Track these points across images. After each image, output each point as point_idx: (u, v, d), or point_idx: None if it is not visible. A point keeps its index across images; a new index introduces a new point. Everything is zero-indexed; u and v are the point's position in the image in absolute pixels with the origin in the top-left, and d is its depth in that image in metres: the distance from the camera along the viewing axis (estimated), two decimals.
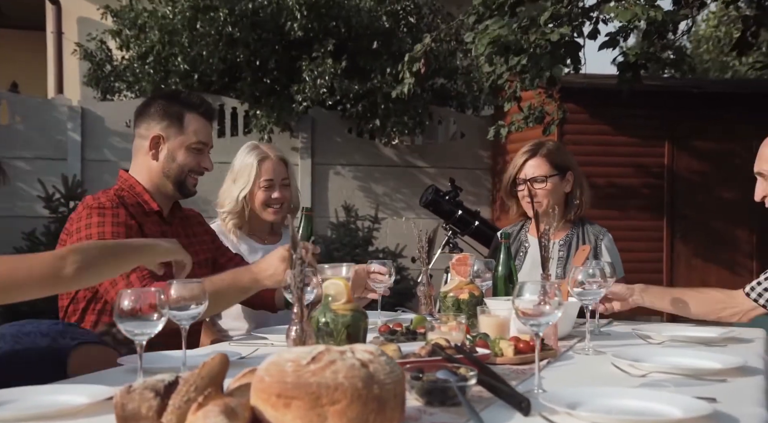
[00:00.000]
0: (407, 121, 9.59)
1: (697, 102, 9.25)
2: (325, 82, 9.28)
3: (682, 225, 9.35)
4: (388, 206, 10.02)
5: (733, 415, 1.46)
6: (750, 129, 9.44)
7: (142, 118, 2.78)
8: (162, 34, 9.40)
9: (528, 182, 3.25)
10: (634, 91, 7.79)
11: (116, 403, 1.41)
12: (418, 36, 9.74)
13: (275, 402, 1.32)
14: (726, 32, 19.59)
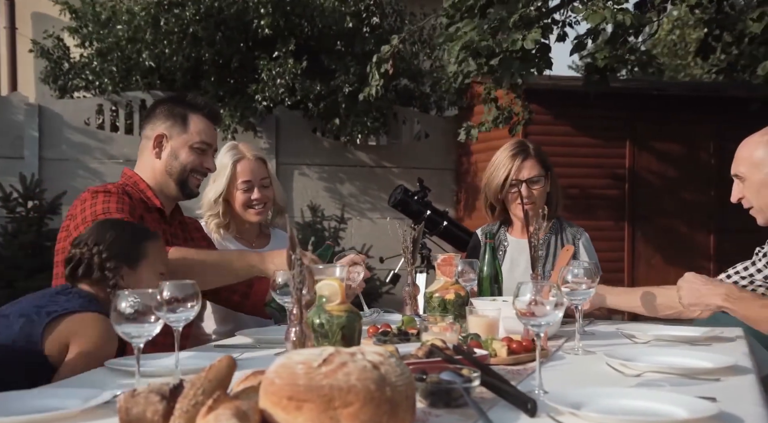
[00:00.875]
0: (370, 121, 9.59)
1: (657, 104, 9.40)
2: (285, 81, 9.24)
3: (643, 225, 9.48)
4: (353, 206, 10.01)
5: (737, 414, 1.47)
6: (708, 131, 9.64)
7: (147, 120, 2.83)
8: (125, 30, 9.26)
9: (525, 183, 3.24)
10: (597, 93, 7.90)
11: (120, 408, 1.38)
12: (383, 36, 9.75)
13: (286, 405, 1.30)
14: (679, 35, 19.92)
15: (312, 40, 9.84)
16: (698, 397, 1.53)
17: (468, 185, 10.16)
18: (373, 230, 9.83)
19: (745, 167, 2.55)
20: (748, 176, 2.54)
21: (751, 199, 2.56)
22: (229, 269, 2.57)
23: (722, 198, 9.78)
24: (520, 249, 3.32)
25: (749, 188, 2.54)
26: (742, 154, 2.59)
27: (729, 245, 9.55)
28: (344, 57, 9.74)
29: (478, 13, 6.57)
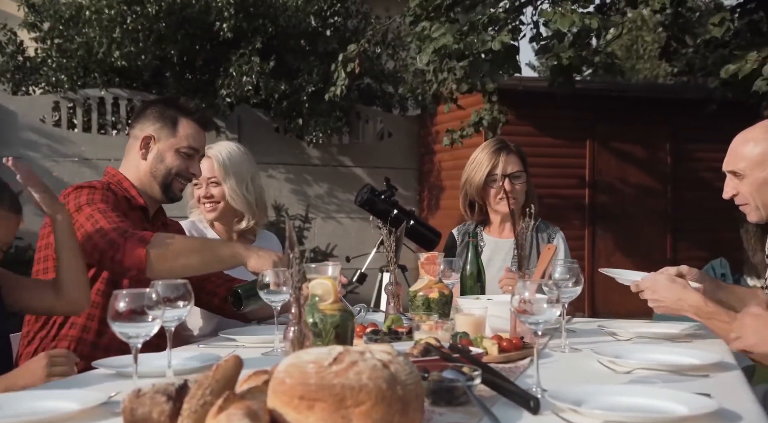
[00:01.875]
0: (333, 120, 9.58)
1: (617, 105, 9.54)
2: (251, 80, 9.19)
3: (603, 224, 9.62)
4: (317, 206, 9.99)
5: (734, 410, 1.50)
6: (665, 132, 9.83)
7: (137, 119, 2.79)
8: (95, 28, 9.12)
9: (508, 178, 3.27)
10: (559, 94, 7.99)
11: (125, 408, 1.36)
12: (346, 36, 9.75)
13: (297, 404, 1.29)
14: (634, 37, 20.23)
15: (276, 39, 9.79)
16: (697, 394, 1.56)
17: (431, 185, 10.21)
18: (337, 230, 9.82)
19: (745, 164, 2.49)
20: (748, 174, 2.48)
21: (747, 196, 2.54)
22: (214, 254, 2.56)
23: (678, 198, 10.01)
24: (496, 248, 3.35)
25: (749, 186, 2.51)
26: (741, 150, 2.53)
27: (685, 244, 9.74)
28: (308, 56, 9.72)
29: (445, 13, 6.59)
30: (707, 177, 9.89)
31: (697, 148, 9.87)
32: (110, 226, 2.45)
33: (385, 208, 5.92)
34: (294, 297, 1.67)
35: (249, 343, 2.41)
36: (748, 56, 5.71)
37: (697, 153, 9.90)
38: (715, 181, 9.93)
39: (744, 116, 8.59)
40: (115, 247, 2.41)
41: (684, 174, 9.95)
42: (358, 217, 9.91)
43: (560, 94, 7.64)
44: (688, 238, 9.79)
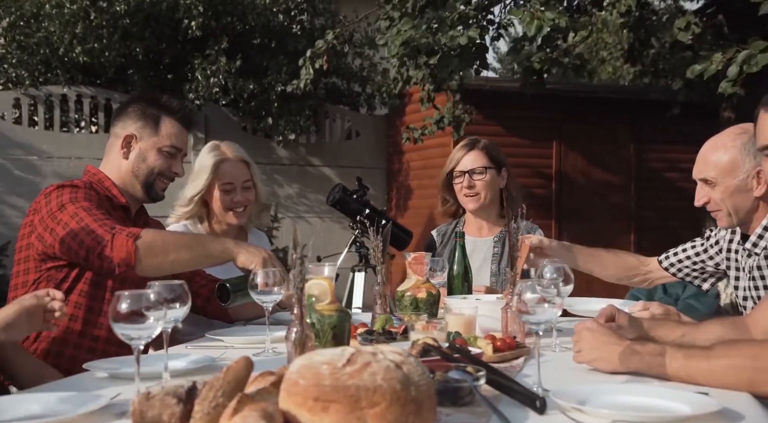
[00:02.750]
0: (302, 119, 9.54)
1: (583, 106, 9.64)
2: (219, 80, 9.13)
3: (569, 223, 9.72)
4: (286, 206, 9.94)
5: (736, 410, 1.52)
6: (629, 132, 9.97)
7: (119, 117, 2.75)
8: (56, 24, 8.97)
9: (467, 174, 3.31)
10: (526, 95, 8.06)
11: (134, 411, 1.35)
12: (314, 35, 9.72)
13: (312, 406, 1.29)
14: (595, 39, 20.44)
15: (243, 37, 9.73)
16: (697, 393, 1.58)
17: (400, 185, 10.22)
18: (306, 230, 9.79)
19: (716, 172, 2.53)
20: (719, 181, 2.53)
21: (719, 203, 2.58)
22: (204, 249, 2.54)
23: (642, 196, 10.16)
24: (476, 248, 3.37)
25: (720, 193, 2.55)
26: (711, 158, 2.56)
27: (648, 242, 9.88)
28: (276, 55, 9.67)
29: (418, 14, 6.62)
30: (670, 176, 10.06)
31: (660, 149, 10.04)
32: (96, 223, 2.42)
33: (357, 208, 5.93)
34: (296, 298, 1.66)
35: (238, 343, 2.39)
36: (713, 57, 5.80)
37: (660, 153, 10.07)
38: (677, 180, 10.12)
39: (705, 117, 8.79)
40: (103, 243, 2.37)
41: (647, 173, 10.11)
42: (328, 217, 9.89)
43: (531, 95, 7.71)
44: (650, 235, 9.93)
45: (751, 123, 2.58)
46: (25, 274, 2.54)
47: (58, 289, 2.50)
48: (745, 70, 5.51)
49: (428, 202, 9.50)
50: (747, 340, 1.93)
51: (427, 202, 9.48)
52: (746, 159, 2.48)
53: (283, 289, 2.22)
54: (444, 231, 3.52)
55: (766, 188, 2.49)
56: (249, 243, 3.22)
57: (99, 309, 2.55)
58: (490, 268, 3.32)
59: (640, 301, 2.62)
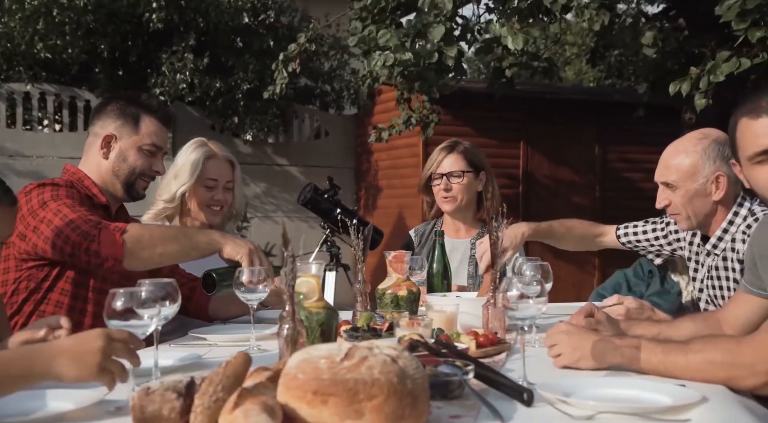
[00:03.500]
0: (270, 119, 9.54)
1: (549, 107, 9.77)
2: (185, 77, 9.09)
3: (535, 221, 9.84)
4: (254, 206, 9.92)
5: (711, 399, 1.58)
6: (593, 134, 10.13)
7: (97, 116, 2.73)
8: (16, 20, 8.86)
9: (445, 176, 3.35)
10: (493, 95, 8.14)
11: (134, 406, 1.37)
12: (281, 34, 9.72)
13: (311, 399, 1.32)
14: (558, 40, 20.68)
15: (209, 35, 9.70)
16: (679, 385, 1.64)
17: (368, 185, 10.26)
18: (275, 229, 9.78)
19: (677, 176, 2.62)
20: (680, 185, 2.62)
21: (680, 207, 2.65)
22: (191, 241, 2.52)
23: (606, 196, 10.32)
24: (453, 249, 3.42)
25: (681, 197, 2.63)
26: (672, 162, 2.65)
27: None
28: (243, 54, 9.65)
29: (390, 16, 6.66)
30: (633, 177, 10.23)
31: (624, 149, 10.21)
32: (81, 219, 2.42)
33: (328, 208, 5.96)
34: (288, 295, 1.69)
35: (222, 341, 2.40)
36: (690, 72, 5.93)
37: (624, 153, 10.24)
38: (640, 180, 10.29)
39: (667, 119, 8.96)
40: (89, 238, 2.37)
41: (611, 173, 10.27)
42: (296, 217, 9.89)
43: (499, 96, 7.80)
44: None
45: (711, 128, 2.67)
46: (5, 273, 2.53)
47: (38, 288, 2.50)
48: (712, 80, 5.65)
49: (397, 201, 9.55)
50: (723, 336, 2.00)
51: (396, 201, 9.53)
52: (706, 164, 2.56)
53: (267, 287, 2.24)
54: (422, 231, 3.56)
55: (724, 193, 2.58)
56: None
57: (81, 308, 2.55)
58: (467, 269, 3.37)
59: (614, 295, 2.68)
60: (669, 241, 2.97)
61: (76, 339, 1.57)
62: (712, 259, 2.71)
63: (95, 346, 1.52)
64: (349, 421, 1.31)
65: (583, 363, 1.88)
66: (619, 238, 3.11)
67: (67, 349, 1.54)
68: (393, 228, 8.84)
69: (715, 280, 2.74)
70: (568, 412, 1.48)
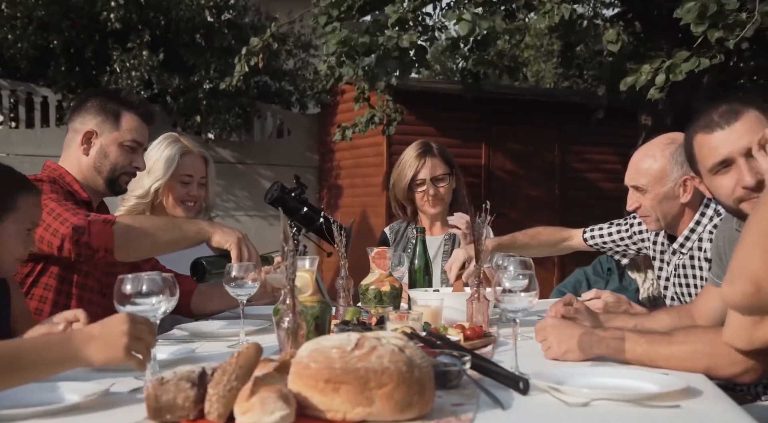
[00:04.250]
0: (232, 117, 9.51)
1: (510, 108, 9.91)
2: (141, 74, 9.02)
3: (497, 220, 9.95)
4: (216, 204, 9.87)
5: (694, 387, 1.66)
6: (553, 134, 10.30)
7: (77, 112, 2.72)
8: None
9: (431, 181, 3.39)
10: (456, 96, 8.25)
11: (149, 395, 1.40)
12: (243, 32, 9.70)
13: (323, 387, 1.37)
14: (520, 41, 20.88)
15: (169, 32, 9.63)
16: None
17: (331, 184, 10.29)
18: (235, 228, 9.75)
19: (647, 180, 2.71)
20: (650, 189, 2.70)
21: (649, 209, 2.75)
22: (180, 231, 2.54)
23: (565, 196, 10.49)
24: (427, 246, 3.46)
25: (650, 200, 2.72)
26: (641, 166, 2.74)
27: None
28: (204, 52, 9.61)
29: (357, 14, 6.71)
30: (592, 177, 10.42)
31: (583, 150, 10.39)
32: (69, 212, 2.42)
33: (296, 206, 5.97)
34: (288, 288, 1.73)
35: (210, 336, 2.43)
36: (642, 68, 6.08)
37: (583, 154, 10.42)
38: (598, 180, 10.50)
39: (625, 120, 9.15)
40: (80, 230, 2.37)
41: (571, 173, 10.45)
42: (258, 216, 9.89)
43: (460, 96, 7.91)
44: None
45: (677, 133, 2.77)
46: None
47: (23, 283, 2.50)
48: (671, 78, 5.80)
49: (360, 200, 9.59)
50: (702, 327, 2.09)
51: (359, 200, 9.57)
52: (674, 168, 2.66)
53: (257, 282, 2.28)
54: (396, 229, 3.60)
55: (691, 196, 2.68)
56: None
57: (64, 303, 2.55)
58: (441, 264, 3.42)
59: (592, 290, 2.77)
60: (634, 241, 3.07)
61: (103, 325, 1.63)
62: (678, 258, 2.81)
63: (122, 330, 1.60)
64: (360, 408, 1.37)
65: (570, 355, 1.95)
66: (586, 241, 3.21)
67: (96, 335, 1.62)
68: (356, 227, 8.90)
69: (682, 278, 2.84)
70: (563, 400, 1.54)
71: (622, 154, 10.09)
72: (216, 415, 1.35)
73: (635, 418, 1.46)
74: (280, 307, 2.05)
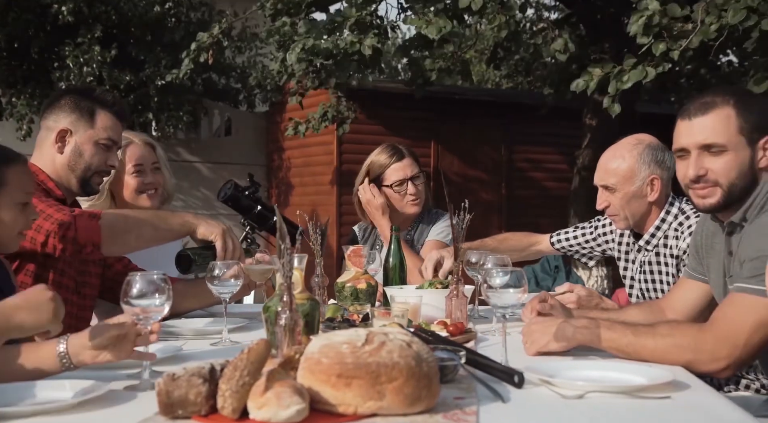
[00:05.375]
0: (185, 115, 9.41)
1: (458, 108, 10.02)
2: (93, 70, 8.86)
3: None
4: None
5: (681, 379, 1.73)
6: (498, 134, 10.46)
7: (50, 109, 2.66)
8: None
9: (410, 181, 3.42)
10: (406, 95, 8.31)
11: (160, 391, 1.41)
12: (190, 28, 9.60)
13: (335, 382, 1.40)
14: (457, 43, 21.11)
15: (118, 28, 9.48)
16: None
17: (279, 181, 10.26)
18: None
19: (616, 179, 2.80)
20: (619, 188, 2.80)
21: (618, 208, 2.84)
22: (166, 223, 2.54)
23: (510, 194, 10.67)
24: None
25: (620, 199, 2.81)
26: (611, 166, 2.84)
27: None
28: (153, 48, 9.48)
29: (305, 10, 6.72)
30: (536, 176, 10.62)
31: (528, 149, 10.59)
32: (52, 208, 2.39)
33: (249, 205, 5.95)
34: (285, 285, 1.75)
35: (191, 334, 2.43)
36: (593, 72, 6.22)
37: (528, 153, 10.61)
38: (543, 179, 10.70)
39: (570, 121, 9.35)
40: (65, 225, 2.34)
41: (516, 172, 10.63)
42: (205, 214, 9.77)
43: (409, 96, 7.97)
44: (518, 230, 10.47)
45: (644, 134, 2.89)
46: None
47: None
48: (618, 86, 5.95)
49: (310, 199, 9.59)
50: (685, 322, 2.18)
51: (309, 199, 9.57)
52: (642, 167, 2.77)
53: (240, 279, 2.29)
54: (365, 227, 3.62)
55: (658, 194, 2.79)
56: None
57: None
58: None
59: (565, 283, 2.85)
60: (599, 242, 3.17)
61: (26, 295, 1.69)
62: (644, 255, 2.91)
63: (47, 296, 1.66)
64: (372, 402, 1.40)
65: (552, 345, 2.02)
66: (554, 245, 3.30)
67: (22, 303, 1.66)
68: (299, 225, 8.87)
69: (647, 274, 2.94)
70: (559, 393, 1.59)
71: (567, 153, 10.31)
72: (230, 410, 1.37)
73: (629, 409, 1.52)
74: (270, 304, 2.07)
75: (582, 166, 8.83)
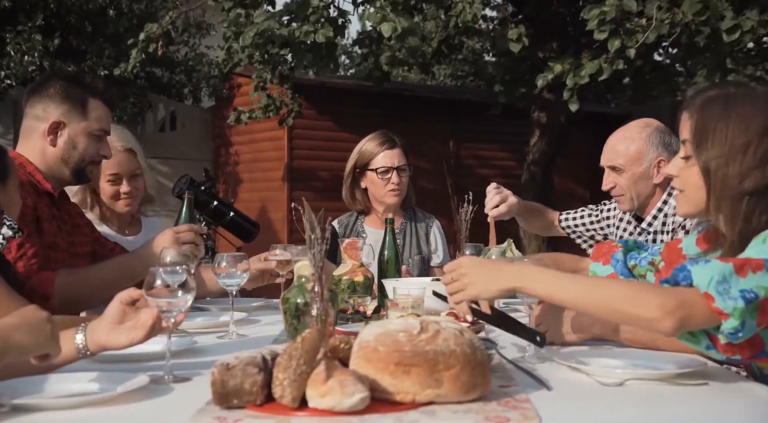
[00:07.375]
0: (128, 106, 9.21)
1: (408, 104, 10.06)
2: (34, 59, 8.60)
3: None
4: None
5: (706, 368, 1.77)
6: (447, 130, 10.55)
7: (38, 97, 2.54)
8: None
9: (396, 170, 3.40)
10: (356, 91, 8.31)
11: (215, 381, 1.38)
12: (134, 21, 9.41)
13: (394, 370, 1.39)
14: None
15: (58, 17, 9.21)
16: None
17: (227, 177, 10.13)
18: None
19: (624, 160, 2.84)
20: (627, 168, 2.84)
21: (624, 189, 2.89)
22: (131, 277, 2.42)
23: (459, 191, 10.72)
24: (378, 239, 3.48)
25: (626, 180, 2.87)
26: (619, 147, 2.88)
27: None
28: (96, 38, 9.25)
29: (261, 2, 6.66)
30: (484, 172, 10.74)
31: (476, 146, 10.71)
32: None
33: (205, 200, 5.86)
34: (317, 276, 1.73)
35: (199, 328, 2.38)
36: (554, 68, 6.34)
37: (476, 150, 10.73)
38: (491, 176, 10.79)
39: (518, 118, 9.49)
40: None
41: (464, 169, 10.74)
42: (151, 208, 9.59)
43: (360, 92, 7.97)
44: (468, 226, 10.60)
45: (652, 119, 2.94)
46: None
47: None
48: (576, 81, 6.06)
49: (259, 195, 9.49)
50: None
51: (258, 195, 9.47)
52: (650, 149, 2.83)
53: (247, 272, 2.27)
54: (345, 222, 3.59)
55: (663, 177, 2.85)
56: (145, 237, 3.17)
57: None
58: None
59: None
60: (602, 225, 3.22)
61: (21, 314, 1.55)
62: (645, 238, 2.96)
63: (43, 316, 1.54)
64: (430, 390, 1.39)
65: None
66: (560, 224, 3.33)
67: (18, 323, 1.52)
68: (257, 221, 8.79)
69: None
70: (599, 380, 1.61)
71: (515, 150, 10.45)
72: (290, 399, 1.35)
73: (671, 395, 1.53)
74: (289, 295, 2.05)
75: (532, 161, 8.96)
